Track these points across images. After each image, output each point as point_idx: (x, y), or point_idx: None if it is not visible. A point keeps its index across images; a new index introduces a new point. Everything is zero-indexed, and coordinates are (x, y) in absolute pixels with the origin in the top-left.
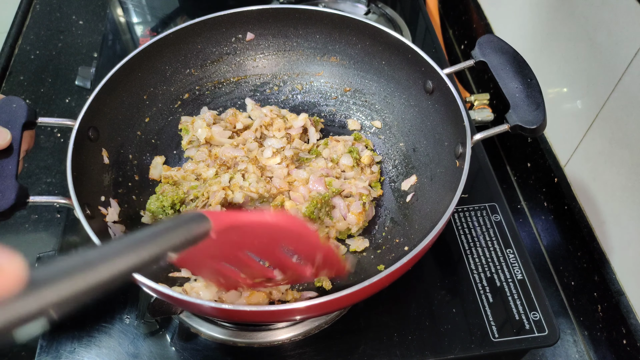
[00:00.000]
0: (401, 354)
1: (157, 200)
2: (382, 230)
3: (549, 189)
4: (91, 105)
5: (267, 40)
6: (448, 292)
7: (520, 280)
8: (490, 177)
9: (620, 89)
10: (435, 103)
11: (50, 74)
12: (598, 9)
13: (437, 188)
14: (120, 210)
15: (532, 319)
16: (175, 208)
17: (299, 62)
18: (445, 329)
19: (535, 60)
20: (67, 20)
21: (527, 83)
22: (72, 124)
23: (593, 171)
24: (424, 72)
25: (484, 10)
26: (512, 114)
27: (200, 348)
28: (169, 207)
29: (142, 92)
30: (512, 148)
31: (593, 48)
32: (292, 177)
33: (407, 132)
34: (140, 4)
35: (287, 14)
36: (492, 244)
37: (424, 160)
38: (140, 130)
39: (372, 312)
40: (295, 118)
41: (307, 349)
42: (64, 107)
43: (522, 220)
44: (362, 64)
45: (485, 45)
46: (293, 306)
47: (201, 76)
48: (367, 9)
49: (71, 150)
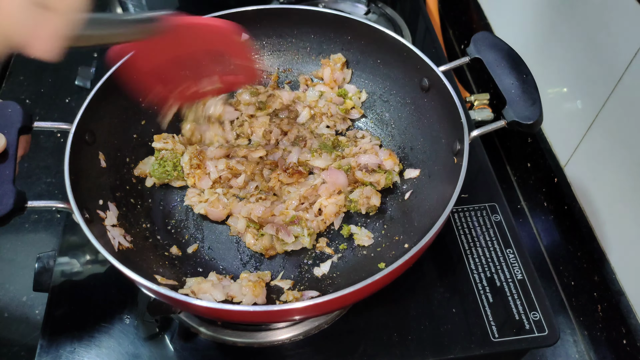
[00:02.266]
0: (401, 354)
1: (160, 166)
2: (382, 228)
3: (549, 189)
4: (87, 108)
5: (261, 41)
6: (448, 292)
7: (520, 280)
8: (490, 177)
9: (620, 89)
10: (432, 101)
11: (50, 74)
12: (598, 9)
13: (436, 185)
14: (118, 213)
15: (532, 319)
16: (177, 169)
17: (294, 61)
18: (445, 329)
19: (535, 60)
20: None
21: (522, 79)
22: (68, 128)
23: (593, 171)
24: (420, 70)
25: (484, 10)
26: (508, 110)
27: (200, 348)
28: (172, 169)
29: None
30: (512, 148)
31: (593, 48)
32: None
33: (404, 130)
34: (140, 4)
35: (281, 14)
36: (492, 244)
37: (421, 158)
38: (136, 133)
39: (372, 312)
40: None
41: (307, 349)
42: (64, 107)
43: (522, 220)
44: (358, 62)
45: (480, 42)
46: (293, 306)
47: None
48: (367, 8)
49: (68, 154)
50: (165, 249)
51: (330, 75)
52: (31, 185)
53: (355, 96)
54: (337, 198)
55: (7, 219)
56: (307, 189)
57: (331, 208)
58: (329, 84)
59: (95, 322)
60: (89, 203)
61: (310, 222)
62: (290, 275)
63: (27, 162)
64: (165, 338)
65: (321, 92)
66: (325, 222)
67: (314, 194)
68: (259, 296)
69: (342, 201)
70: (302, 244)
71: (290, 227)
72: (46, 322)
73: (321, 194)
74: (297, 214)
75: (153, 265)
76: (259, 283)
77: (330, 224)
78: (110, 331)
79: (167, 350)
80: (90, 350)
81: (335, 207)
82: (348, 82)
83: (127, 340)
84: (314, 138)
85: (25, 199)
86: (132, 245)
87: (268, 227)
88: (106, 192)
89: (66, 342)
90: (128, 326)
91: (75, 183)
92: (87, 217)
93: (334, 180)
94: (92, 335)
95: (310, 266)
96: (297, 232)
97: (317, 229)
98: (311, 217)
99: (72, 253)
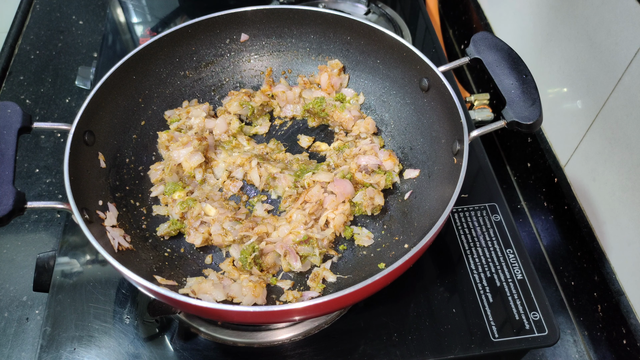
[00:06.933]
0: (401, 354)
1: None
2: (382, 228)
3: (549, 189)
4: (87, 109)
5: (261, 41)
6: (448, 292)
7: (520, 280)
8: (490, 177)
9: (620, 89)
10: (432, 101)
11: (50, 74)
12: (598, 9)
13: (436, 185)
14: (118, 214)
15: (532, 319)
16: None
17: (294, 62)
18: (445, 329)
19: (536, 60)
20: (67, 20)
21: (522, 79)
22: (67, 128)
23: (593, 171)
24: (420, 70)
25: (484, 10)
26: (508, 110)
27: (200, 348)
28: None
29: (137, 95)
30: (512, 148)
31: (593, 48)
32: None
33: (404, 130)
34: (140, 4)
35: (281, 14)
36: (492, 244)
37: (421, 158)
38: (136, 133)
39: (372, 312)
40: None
41: (307, 349)
42: (64, 107)
43: (522, 220)
44: (357, 63)
45: (480, 43)
46: (293, 306)
47: (196, 78)
48: (367, 9)
49: (68, 155)
50: (165, 250)
51: (328, 81)
52: (31, 186)
53: (353, 99)
54: (344, 208)
55: (6, 220)
56: (312, 206)
57: (339, 219)
58: (326, 89)
59: (95, 322)
60: (89, 204)
61: (320, 240)
62: (290, 276)
63: (27, 162)
64: (165, 338)
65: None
66: (335, 234)
67: (319, 209)
68: (259, 296)
69: (348, 209)
70: (312, 264)
71: (300, 246)
72: (46, 322)
73: (327, 207)
74: (308, 233)
75: (153, 266)
76: (259, 283)
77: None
78: (110, 331)
79: (167, 350)
80: (90, 350)
81: (343, 216)
82: (345, 86)
83: (127, 340)
84: (291, 166)
85: (25, 200)
86: (131, 246)
87: (277, 247)
88: (106, 192)
89: (66, 342)
90: (128, 326)
91: (74, 183)
92: (87, 217)
93: (342, 191)
94: (92, 335)
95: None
96: (308, 251)
97: (327, 247)
98: (319, 232)
99: (72, 253)
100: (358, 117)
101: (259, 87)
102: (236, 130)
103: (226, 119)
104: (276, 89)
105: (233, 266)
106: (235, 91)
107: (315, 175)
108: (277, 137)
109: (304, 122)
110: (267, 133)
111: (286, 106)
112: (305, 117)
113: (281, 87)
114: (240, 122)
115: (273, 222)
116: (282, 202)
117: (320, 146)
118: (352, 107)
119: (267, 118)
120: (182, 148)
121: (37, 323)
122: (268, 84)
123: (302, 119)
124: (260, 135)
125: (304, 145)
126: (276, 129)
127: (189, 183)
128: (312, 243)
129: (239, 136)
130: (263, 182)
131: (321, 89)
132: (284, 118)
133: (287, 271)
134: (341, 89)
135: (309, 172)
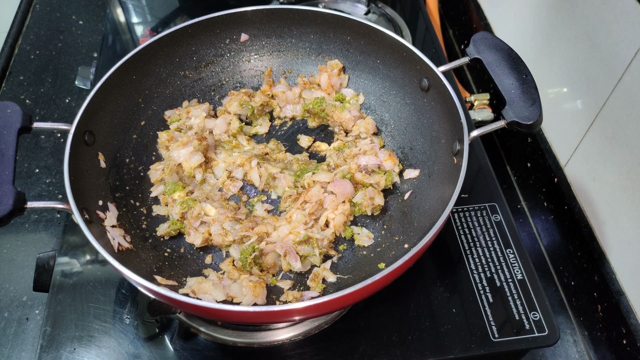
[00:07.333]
0: (401, 354)
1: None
2: (382, 228)
3: (549, 189)
4: (87, 109)
5: (261, 41)
6: (448, 292)
7: (520, 280)
8: (490, 177)
9: (620, 89)
10: (432, 101)
11: (50, 74)
12: (598, 9)
13: (436, 185)
14: (118, 214)
15: (532, 319)
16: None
17: (294, 62)
18: (445, 329)
19: (535, 60)
20: (67, 20)
21: (522, 79)
22: (67, 128)
23: (593, 171)
24: (420, 70)
25: (484, 10)
26: (508, 110)
27: (200, 348)
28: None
29: (137, 95)
30: (512, 148)
31: (593, 48)
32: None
33: (404, 130)
34: (140, 4)
35: (281, 14)
36: (492, 244)
37: (421, 158)
38: (136, 133)
39: (372, 312)
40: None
41: (307, 349)
42: (64, 107)
43: (522, 220)
44: (357, 63)
45: (480, 43)
46: (293, 306)
47: (196, 78)
48: (367, 9)
49: (68, 155)
50: (165, 250)
51: (328, 81)
52: (31, 186)
53: (353, 99)
54: (344, 208)
55: (6, 220)
56: (312, 206)
57: (339, 219)
58: (326, 89)
59: (95, 322)
60: (89, 204)
61: (320, 240)
62: (290, 276)
63: (27, 162)
64: (165, 338)
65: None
66: (335, 234)
67: (319, 209)
68: (259, 296)
69: (348, 209)
70: (312, 264)
71: (300, 246)
72: (46, 322)
73: (327, 207)
74: (308, 233)
75: (153, 266)
76: (259, 283)
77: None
78: (110, 331)
79: (167, 350)
80: (90, 350)
81: (343, 216)
82: (345, 86)
83: (127, 340)
84: (292, 166)
85: (25, 200)
86: (132, 246)
87: (277, 247)
88: (106, 192)
89: (66, 342)
90: (128, 326)
91: (74, 183)
92: (87, 217)
93: (342, 191)
94: (92, 335)
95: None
96: (308, 251)
97: (327, 247)
98: (319, 232)
99: (72, 253)
100: (358, 117)
101: (259, 87)
102: (236, 130)
103: (226, 119)
104: (276, 89)
105: (233, 266)
106: (235, 91)
107: (315, 175)
108: (277, 137)
109: (304, 122)
110: (267, 133)
111: (286, 106)
112: (305, 117)
113: (281, 87)
114: (240, 122)
115: (273, 222)
116: (282, 202)
117: (320, 146)
118: (352, 107)
119: (267, 118)
120: (182, 148)
121: (37, 323)
122: (268, 84)
123: (302, 119)
124: (260, 135)
125: (304, 145)
126: (276, 129)
127: (189, 183)
128: (312, 243)
129: (239, 136)
130: (263, 182)
131: (321, 89)
132: (284, 118)
133: (287, 271)
134: (341, 89)
135: (309, 172)
